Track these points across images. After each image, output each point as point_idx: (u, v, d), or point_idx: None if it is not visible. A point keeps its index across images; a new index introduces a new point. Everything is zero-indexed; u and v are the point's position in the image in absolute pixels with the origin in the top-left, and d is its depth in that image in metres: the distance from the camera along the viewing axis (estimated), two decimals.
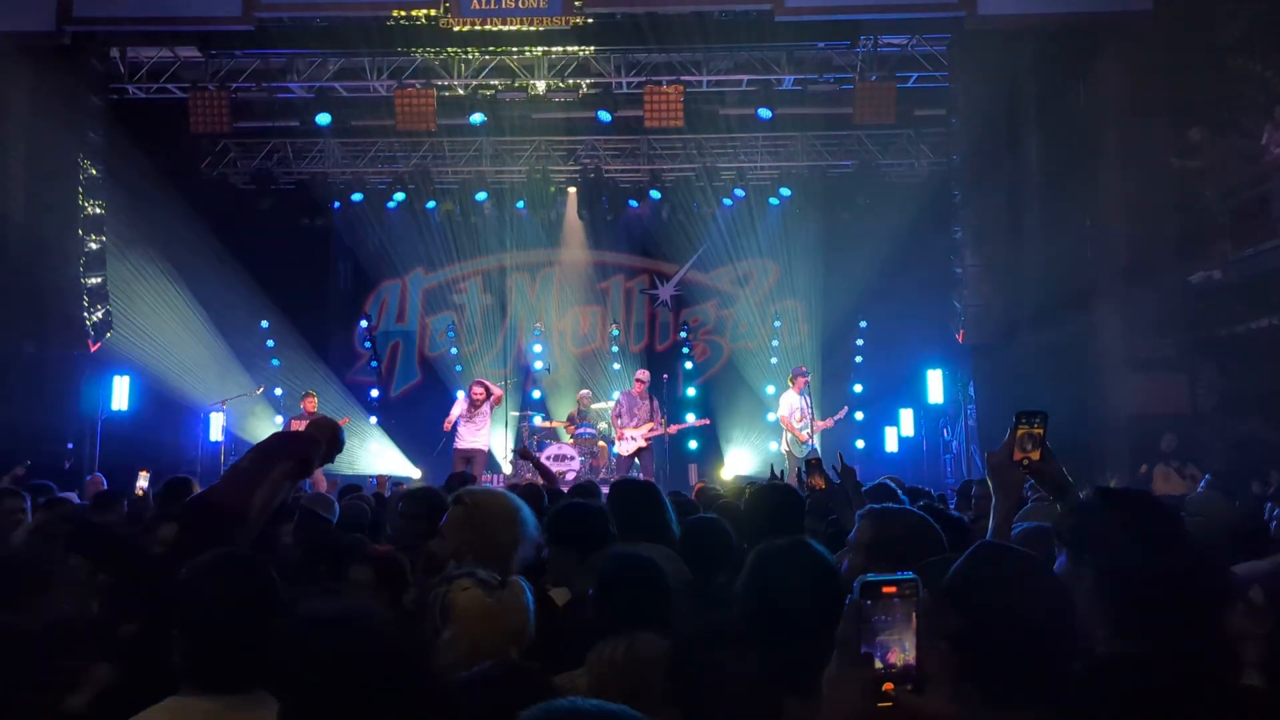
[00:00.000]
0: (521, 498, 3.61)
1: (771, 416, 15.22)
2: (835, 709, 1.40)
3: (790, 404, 12.97)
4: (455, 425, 12.71)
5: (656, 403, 13.33)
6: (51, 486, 7.93)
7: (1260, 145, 10.22)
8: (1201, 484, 7.73)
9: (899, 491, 5.04)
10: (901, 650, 1.36)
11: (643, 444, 13.08)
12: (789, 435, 12.88)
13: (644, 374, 13.53)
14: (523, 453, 8.57)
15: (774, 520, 3.95)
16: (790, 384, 13.17)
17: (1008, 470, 2.67)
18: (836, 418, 13.47)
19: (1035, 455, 2.65)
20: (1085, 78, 11.81)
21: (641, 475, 12.35)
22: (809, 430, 12.72)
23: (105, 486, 9.65)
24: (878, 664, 1.36)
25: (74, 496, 8.34)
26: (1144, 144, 11.52)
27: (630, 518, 4.00)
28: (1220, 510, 4.72)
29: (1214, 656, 2.10)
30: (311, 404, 13.40)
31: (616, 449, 13.43)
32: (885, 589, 1.36)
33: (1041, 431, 2.67)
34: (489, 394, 12.69)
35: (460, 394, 13.07)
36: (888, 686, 1.35)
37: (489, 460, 13.36)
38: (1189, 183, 11.15)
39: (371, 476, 13.41)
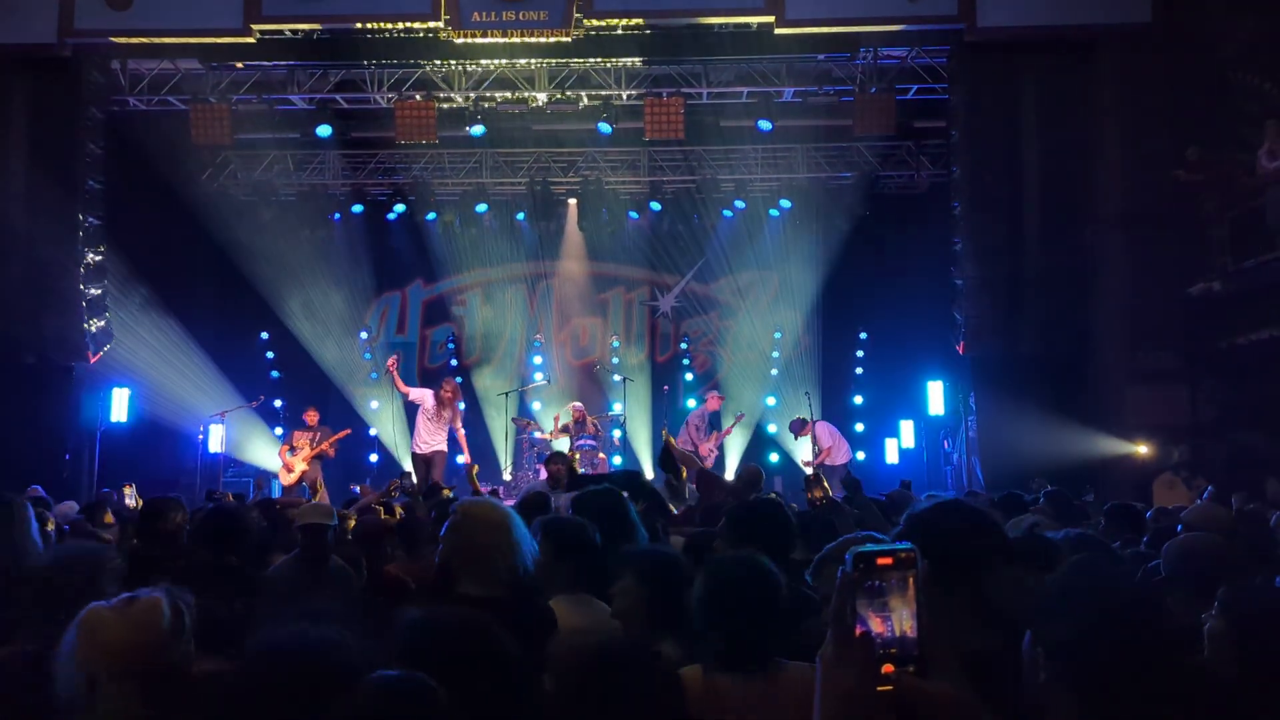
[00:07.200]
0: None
1: (772, 428, 15.60)
2: (830, 691, 1.28)
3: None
4: (415, 428, 12.59)
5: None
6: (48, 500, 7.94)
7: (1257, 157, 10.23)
8: (1204, 496, 7.68)
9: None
10: (900, 627, 1.24)
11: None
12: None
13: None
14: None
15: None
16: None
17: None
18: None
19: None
20: (1085, 89, 11.82)
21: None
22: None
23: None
24: (875, 643, 1.24)
25: (74, 504, 8.34)
26: (1143, 156, 11.51)
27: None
28: (1220, 523, 4.69)
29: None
30: (313, 417, 13.37)
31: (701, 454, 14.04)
32: (880, 560, 1.24)
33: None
34: (455, 398, 12.54)
35: (428, 392, 12.64)
36: (887, 669, 1.24)
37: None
38: (1188, 195, 11.14)
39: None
